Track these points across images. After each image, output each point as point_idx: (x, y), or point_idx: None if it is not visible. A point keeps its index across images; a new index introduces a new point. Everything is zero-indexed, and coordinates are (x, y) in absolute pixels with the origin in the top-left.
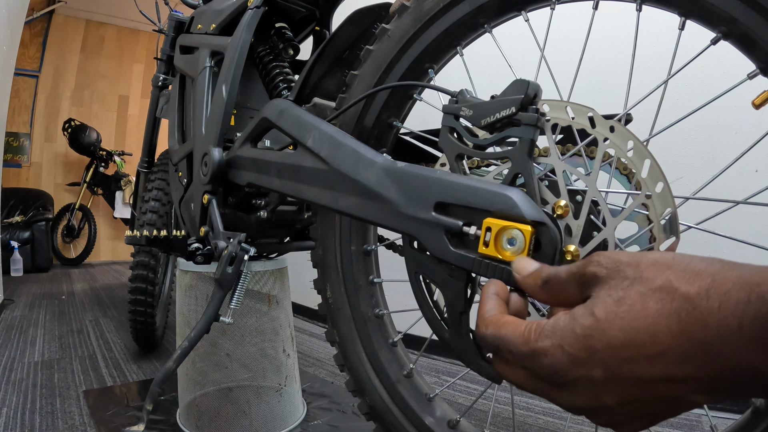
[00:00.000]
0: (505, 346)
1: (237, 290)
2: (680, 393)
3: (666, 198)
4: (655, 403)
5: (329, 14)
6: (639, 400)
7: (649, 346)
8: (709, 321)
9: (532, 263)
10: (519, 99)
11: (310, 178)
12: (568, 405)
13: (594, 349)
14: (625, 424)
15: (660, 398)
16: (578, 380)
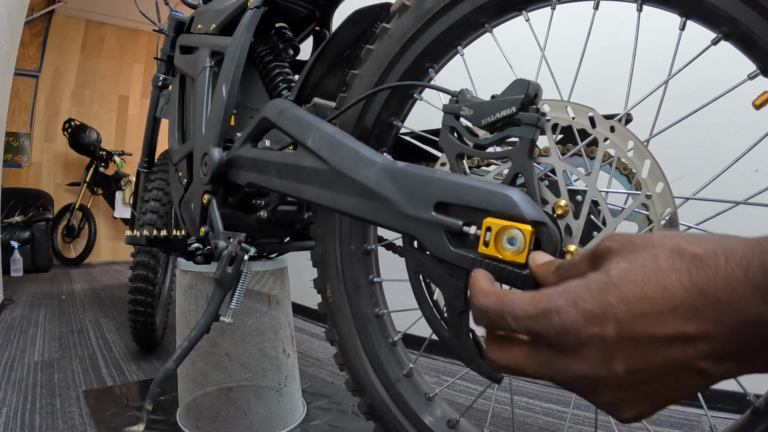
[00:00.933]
0: (510, 311)
1: (237, 290)
2: (690, 357)
3: (666, 198)
4: (664, 376)
5: (329, 14)
6: (648, 368)
7: (662, 301)
8: (717, 274)
9: (547, 256)
10: (519, 99)
11: (310, 178)
12: (573, 375)
13: (608, 304)
14: (628, 404)
15: (669, 368)
16: (589, 340)
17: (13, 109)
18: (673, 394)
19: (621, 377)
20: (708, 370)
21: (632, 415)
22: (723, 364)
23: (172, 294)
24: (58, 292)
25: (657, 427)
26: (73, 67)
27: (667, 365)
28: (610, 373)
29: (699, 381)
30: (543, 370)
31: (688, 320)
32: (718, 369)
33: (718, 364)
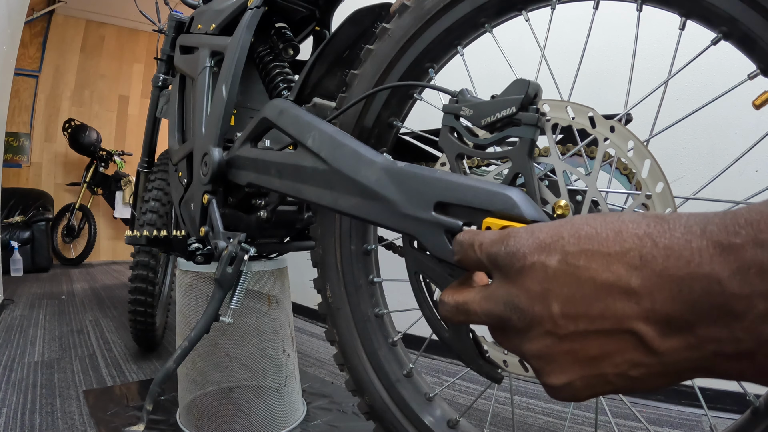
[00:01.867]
0: (479, 240)
1: (237, 290)
2: (631, 315)
3: (666, 198)
4: (601, 335)
5: (329, 14)
6: (585, 317)
7: (612, 243)
8: (675, 228)
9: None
10: (519, 99)
11: (310, 178)
12: (512, 305)
13: (560, 236)
14: (559, 365)
15: (607, 323)
16: (533, 266)
17: (13, 109)
18: (611, 369)
19: (556, 319)
20: (651, 341)
21: (561, 381)
22: (669, 339)
23: (173, 294)
24: (58, 292)
25: (657, 427)
26: (73, 67)
27: (605, 319)
28: (545, 309)
29: (641, 356)
30: (486, 302)
31: (635, 269)
32: (663, 343)
33: (663, 336)
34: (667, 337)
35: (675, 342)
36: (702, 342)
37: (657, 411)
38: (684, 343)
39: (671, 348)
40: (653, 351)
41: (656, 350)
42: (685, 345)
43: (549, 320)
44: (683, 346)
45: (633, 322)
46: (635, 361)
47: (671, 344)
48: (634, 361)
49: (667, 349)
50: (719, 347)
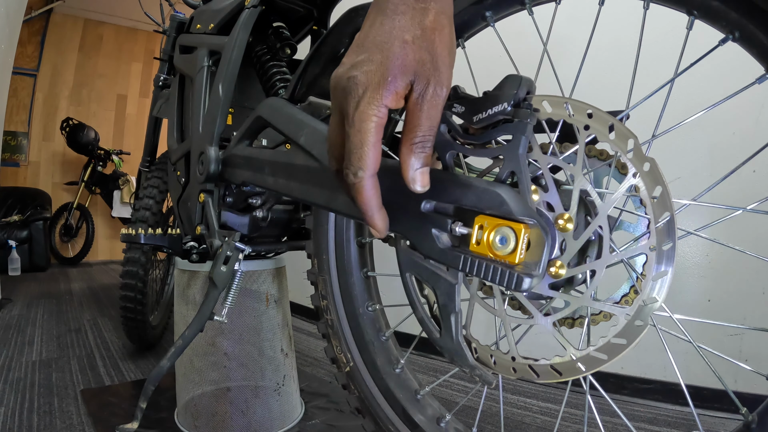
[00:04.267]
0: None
1: (231, 289)
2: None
3: (665, 200)
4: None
5: (327, 14)
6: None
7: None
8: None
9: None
10: (512, 95)
11: (303, 177)
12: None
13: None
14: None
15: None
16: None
17: (11, 108)
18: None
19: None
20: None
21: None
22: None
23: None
24: (56, 292)
25: (655, 426)
26: (72, 66)
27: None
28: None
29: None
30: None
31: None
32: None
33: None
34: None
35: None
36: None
37: (654, 411)
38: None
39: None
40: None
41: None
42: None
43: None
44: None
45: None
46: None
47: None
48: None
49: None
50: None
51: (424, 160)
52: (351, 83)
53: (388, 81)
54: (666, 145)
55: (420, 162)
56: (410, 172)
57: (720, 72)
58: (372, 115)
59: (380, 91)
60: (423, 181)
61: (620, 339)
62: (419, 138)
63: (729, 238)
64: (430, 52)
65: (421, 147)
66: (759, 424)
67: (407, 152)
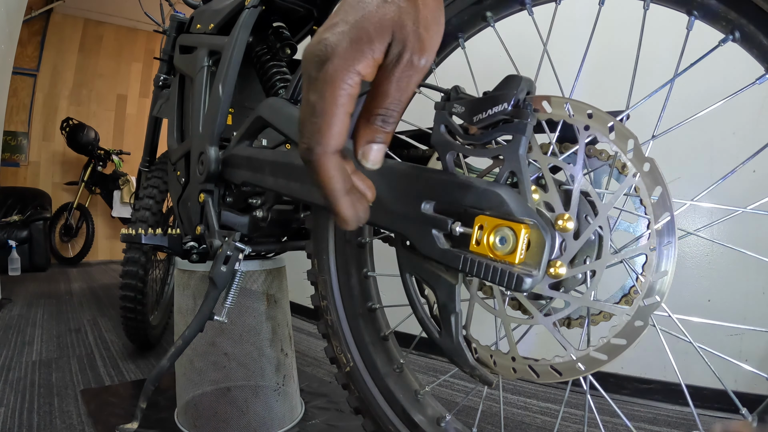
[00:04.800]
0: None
1: (231, 289)
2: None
3: (665, 200)
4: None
5: (327, 14)
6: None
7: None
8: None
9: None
10: (512, 95)
11: (303, 177)
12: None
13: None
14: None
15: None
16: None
17: (11, 108)
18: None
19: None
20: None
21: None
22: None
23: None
24: (56, 292)
25: (655, 426)
26: (72, 66)
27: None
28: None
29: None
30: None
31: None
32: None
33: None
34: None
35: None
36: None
37: (654, 411)
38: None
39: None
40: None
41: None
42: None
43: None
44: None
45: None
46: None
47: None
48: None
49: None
50: None
51: (384, 137)
52: (320, 47)
53: (362, 41)
54: (666, 145)
55: (378, 137)
56: (361, 146)
57: (720, 72)
58: (340, 80)
59: (352, 53)
60: (375, 158)
61: (620, 339)
62: (382, 110)
63: (729, 238)
64: (412, 15)
65: (382, 121)
66: (759, 424)
67: (364, 123)
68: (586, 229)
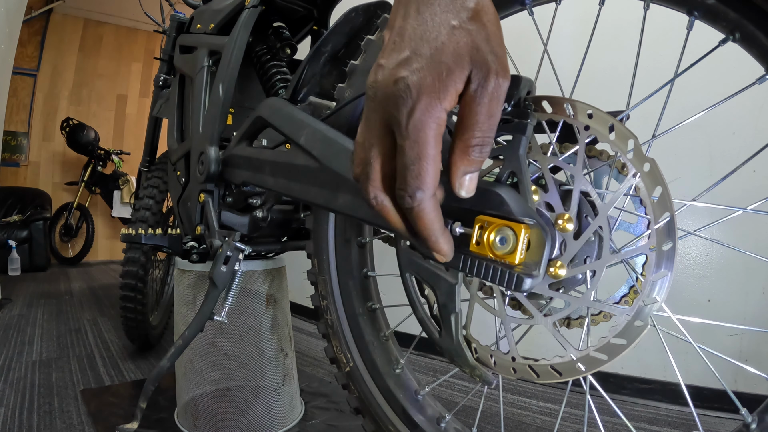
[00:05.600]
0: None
1: (231, 289)
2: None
3: (665, 201)
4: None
5: (327, 14)
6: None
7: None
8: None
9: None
10: (512, 95)
11: (303, 177)
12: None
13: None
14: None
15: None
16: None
17: (11, 108)
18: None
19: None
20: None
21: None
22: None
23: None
24: (56, 292)
25: (655, 426)
26: (72, 66)
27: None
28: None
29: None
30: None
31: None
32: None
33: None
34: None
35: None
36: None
37: (654, 411)
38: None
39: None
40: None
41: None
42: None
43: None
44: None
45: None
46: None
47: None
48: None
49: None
50: None
51: (479, 165)
52: (400, 87)
53: (444, 78)
54: (666, 145)
55: (474, 167)
56: (458, 178)
57: (720, 72)
58: (431, 123)
59: (438, 93)
60: (470, 188)
61: (620, 339)
62: (477, 140)
63: (729, 238)
64: (483, 35)
65: (479, 151)
66: (759, 424)
67: (461, 155)
68: (586, 229)
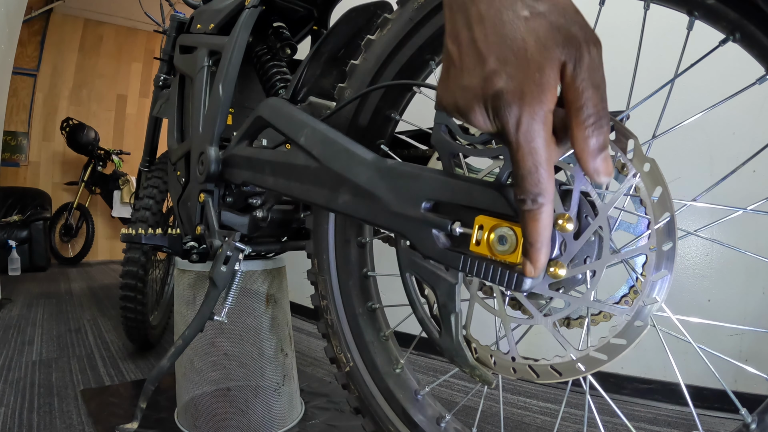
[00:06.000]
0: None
1: (232, 289)
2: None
3: (665, 202)
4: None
5: (327, 14)
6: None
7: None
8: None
9: None
10: None
11: (303, 176)
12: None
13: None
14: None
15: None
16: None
17: (11, 108)
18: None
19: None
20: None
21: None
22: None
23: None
24: (56, 292)
25: (655, 426)
26: (72, 66)
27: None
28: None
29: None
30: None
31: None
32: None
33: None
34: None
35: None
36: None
37: (654, 411)
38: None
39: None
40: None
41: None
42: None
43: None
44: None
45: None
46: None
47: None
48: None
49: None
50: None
51: (605, 141)
52: (499, 100)
53: (540, 78)
54: (666, 145)
55: (602, 146)
56: (592, 162)
57: (720, 72)
58: (539, 129)
59: (538, 96)
60: (608, 169)
61: (620, 339)
62: (594, 117)
63: (729, 239)
64: (559, 12)
65: (598, 126)
66: (759, 424)
67: (583, 138)
68: (587, 229)
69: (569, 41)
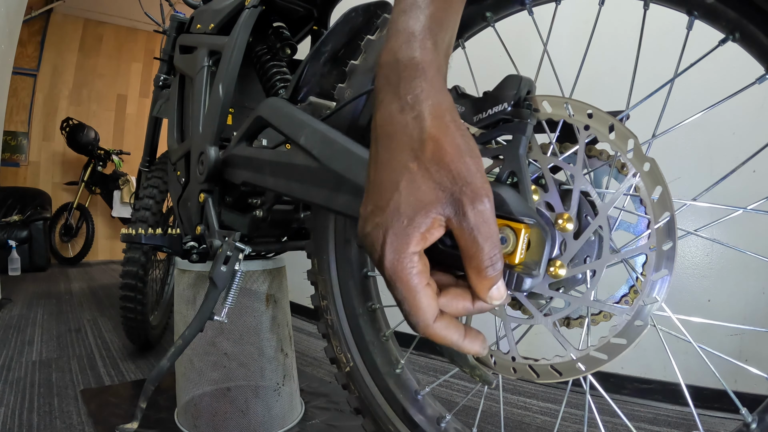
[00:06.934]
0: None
1: (232, 289)
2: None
3: (665, 201)
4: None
5: (327, 14)
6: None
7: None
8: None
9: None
10: (512, 95)
11: (303, 176)
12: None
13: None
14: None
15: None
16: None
17: (11, 108)
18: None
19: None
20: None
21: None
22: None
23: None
24: (56, 292)
25: (655, 426)
26: (71, 66)
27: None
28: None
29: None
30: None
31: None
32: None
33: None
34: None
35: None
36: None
37: (654, 411)
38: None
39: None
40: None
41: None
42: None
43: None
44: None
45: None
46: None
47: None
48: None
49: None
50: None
51: (498, 277)
52: (367, 242)
53: (405, 231)
54: (666, 145)
55: (494, 281)
56: (485, 296)
57: (720, 72)
58: (403, 268)
59: (401, 246)
60: (501, 295)
61: (620, 339)
62: (486, 262)
63: (729, 238)
64: (446, 168)
65: (492, 269)
66: (759, 424)
67: (479, 281)
68: (587, 229)
69: (452, 199)
